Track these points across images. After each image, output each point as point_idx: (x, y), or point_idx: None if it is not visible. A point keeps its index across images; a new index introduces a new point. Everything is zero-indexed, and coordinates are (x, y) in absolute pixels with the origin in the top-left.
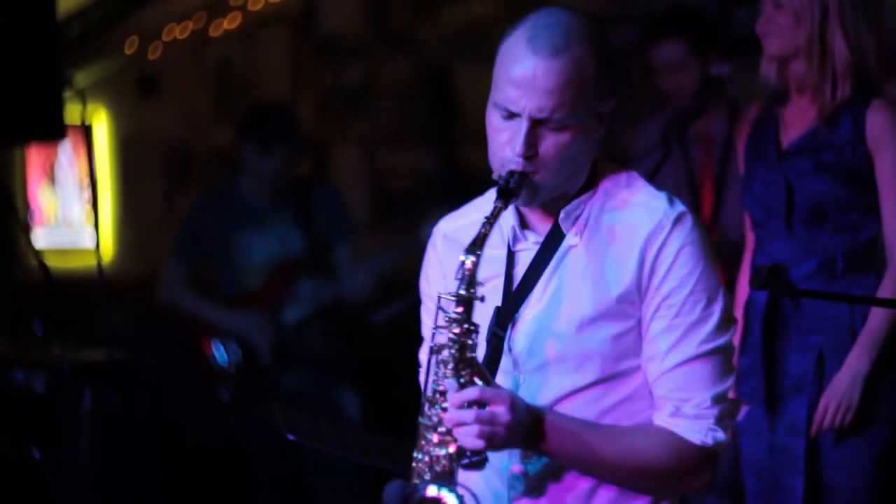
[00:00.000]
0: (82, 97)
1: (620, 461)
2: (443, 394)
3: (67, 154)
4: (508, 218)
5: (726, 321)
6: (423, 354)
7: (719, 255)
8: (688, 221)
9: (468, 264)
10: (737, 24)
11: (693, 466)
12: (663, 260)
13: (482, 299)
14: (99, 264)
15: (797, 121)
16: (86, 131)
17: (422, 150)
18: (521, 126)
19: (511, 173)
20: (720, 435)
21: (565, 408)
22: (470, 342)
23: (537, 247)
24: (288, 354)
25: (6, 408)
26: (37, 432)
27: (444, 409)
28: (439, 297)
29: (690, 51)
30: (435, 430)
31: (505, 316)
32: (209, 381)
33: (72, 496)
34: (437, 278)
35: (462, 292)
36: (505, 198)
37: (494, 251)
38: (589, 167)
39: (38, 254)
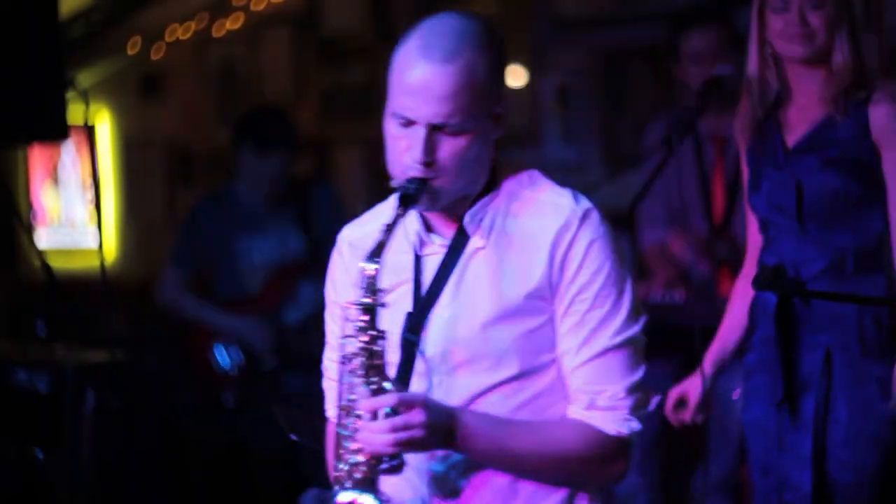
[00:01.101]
0: (85, 97)
1: (538, 454)
2: (357, 402)
3: (70, 154)
4: (413, 223)
5: (636, 312)
6: (328, 360)
7: (731, 260)
8: (594, 217)
9: (369, 272)
10: (737, 23)
11: (608, 456)
12: (573, 256)
13: (384, 305)
14: (102, 265)
15: (800, 120)
16: (89, 132)
17: None
18: (419, 133)
19: (411, 180)
20: (635, 424)
21: (480, 406)
22: (377, 349)
23: (444, 250)
24: (289, 356)
25: (9, 408)
26: (39, 433)
27: (360, 417)
28: (345, 308)
29: (725, 41)
30: (352, 438)
31: (416, 320)
32: (212, 384)
33: (74, 497)
34: (345, 286)
35: (365, 300)
36: (405, 204)
37: (402, 257)
38: (488, 168)
39: (40, 254)
